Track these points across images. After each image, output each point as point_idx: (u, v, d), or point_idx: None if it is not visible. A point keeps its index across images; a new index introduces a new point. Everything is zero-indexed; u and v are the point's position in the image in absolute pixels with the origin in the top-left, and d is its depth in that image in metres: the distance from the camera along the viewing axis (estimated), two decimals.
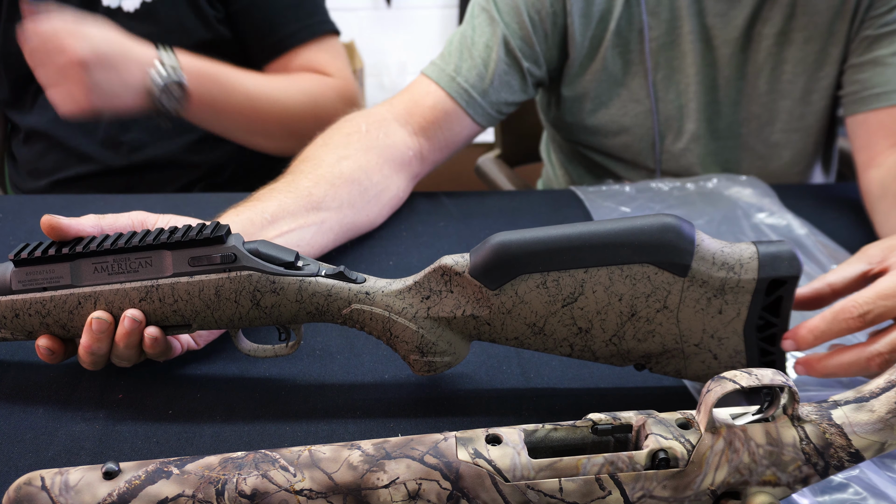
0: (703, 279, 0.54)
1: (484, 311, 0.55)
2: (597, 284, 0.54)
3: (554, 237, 0.54)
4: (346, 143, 0.80)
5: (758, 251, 0.54)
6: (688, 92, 0.97)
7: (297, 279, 0.56)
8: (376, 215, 0.82)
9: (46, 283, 0.58)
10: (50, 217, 0.57)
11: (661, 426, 0.43)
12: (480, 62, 0.90)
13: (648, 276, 0.54)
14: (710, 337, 0.56)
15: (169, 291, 0.56)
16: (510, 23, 0.91)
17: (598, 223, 0.55)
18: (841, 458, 0.43)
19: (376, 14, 2.70)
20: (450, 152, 0.92)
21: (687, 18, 0.93)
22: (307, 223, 0.71)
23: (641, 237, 0.53)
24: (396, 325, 0.56)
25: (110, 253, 0.57)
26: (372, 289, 0.56)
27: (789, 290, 0.55)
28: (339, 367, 0.64)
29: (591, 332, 0.56)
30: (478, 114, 0.90)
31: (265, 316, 0.57)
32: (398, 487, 0.42)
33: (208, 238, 0.55)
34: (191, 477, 0.42)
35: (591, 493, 0.42)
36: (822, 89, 0.96)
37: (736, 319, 0.55)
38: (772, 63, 0.95)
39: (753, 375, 0.42)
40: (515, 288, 0.55)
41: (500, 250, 0.54)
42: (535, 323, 0.56)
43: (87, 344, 0.57)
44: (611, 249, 0.54)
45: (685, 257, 0.53)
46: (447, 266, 0.56)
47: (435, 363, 0.57)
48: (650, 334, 0.56)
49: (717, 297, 0.55)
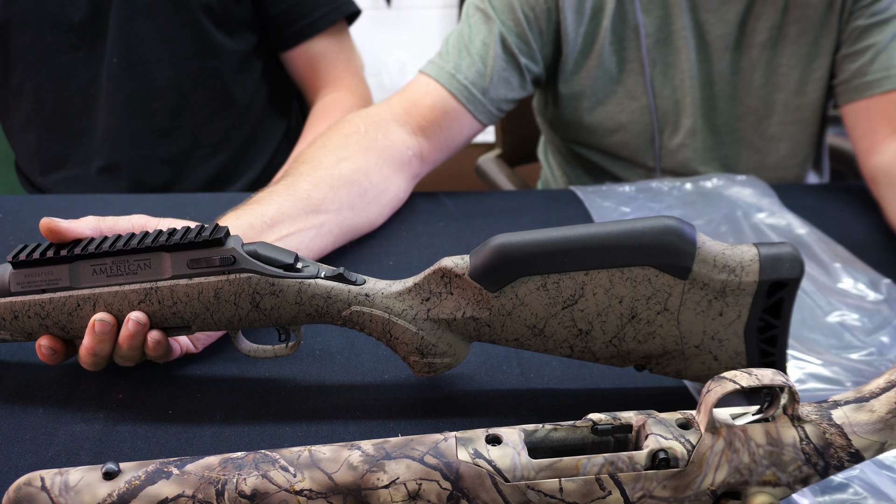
0: (704, 281, 0.54)
1: (484, 312, 0.55)
2: (597, 287, 0.54)
3: (554, 239, 0.54)
4: (345, 145, 0.80)
5: (759, 253, 0.54)
6: (683, 87, 0.97)
7: (297, 281, 0.56)
8: (376, 216, 0.82)
9: (45, 286, 0.58)
10: (48, 220, 0.57)
11: (662, 426, 0.43)
12: (479, 59, 0.90)
13: (649, 278, 0.54)
14: (710, 339, 0.55)
15: (168, 294, 0.56)
16: (506, 20, 0.91)
17: (599, 225, 0.54)
18: (841, 458, 0.43)
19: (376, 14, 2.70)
20: (450, 151, 0.92)
21: (680, 14, 0.93)
22: (306, 226, 0.71)
23: (642, 240, 0.53)
24: (396, 327, 0.56)
25: (109, 255, 0.57)
26: (371, 290, 0.56)
27: (790, 293, 0.55)
28: (339, 367, 0.64)
29: (592, 334, 0.56)
30: (479, 111, 0.91)
31: (264, 318, 0.57)
32: (398, 488, 0.42)
33: (207, 240, 0.55)
34: (191, 477, 0.42)
35: (591, 493, 0.42)
36: (816, 80, 0.97)
37: (736, 321, 0.55)
38: (767, 57, 0.96)
39: (753, 375, 0.42)
40: (515, 290, 0.54)
41: (501, 252, 0.54)
42: (535, 325, 0.55)
43: (90, 346, 0.57)
44: (611, 252, 0.53)
45: (686, 260, 0.53)
46: (447, 268, 0.56)
47: (435, 364, 0.57)
48: (650, 336, 0.55)
49: (718, 300, 0.54)
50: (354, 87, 1.17)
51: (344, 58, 1.18)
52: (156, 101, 1.12)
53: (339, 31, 1.17)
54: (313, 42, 1.15)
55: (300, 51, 1.16)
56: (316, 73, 1.18)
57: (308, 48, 1.16)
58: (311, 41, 1.15)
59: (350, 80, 1.17)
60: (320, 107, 1.16)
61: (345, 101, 1.14)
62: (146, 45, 1.10)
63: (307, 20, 1.14)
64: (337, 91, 1.16)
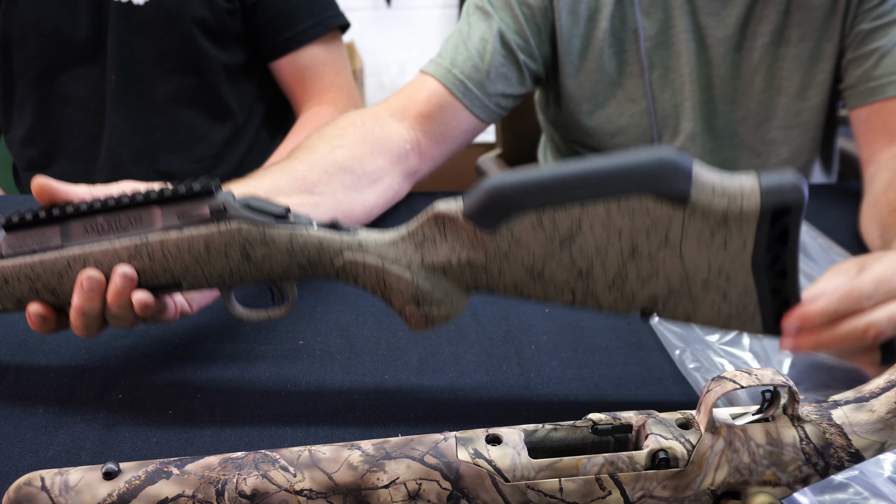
0: (703, 209, 0.52)
1: (480, 256, 0.54)
2: (594, 221, 0.52)
3: (548, 173, 0.52)
4: (340, 135, 0.80)
5: (759, 179, 0.52)
6: (683, 91, 0.97)
7: (288, 230, 0.55)
8: (372, 205, 0.81)
9: (36, 247, 0.57)
10: (42, 178, 0.56)
11: (661, 426, 0.43)
12: (476, 53, 0.91)
13: (647, 208, 0.52)
14: (717, 274, 0.53)
15: (158, 248, 0.55)
16: (504, 17, 0.92)
17: (593, 158, 0.53)
18: (841, 458, 0.43)
19: (376, 14, 2.70)
20: (448, 148, 0.92)
21: (680, 18, 0.93)
22: (302, 203, 0.70)
23: (637, 167, 0.52)
24: (390, 275, 0.55)
25: (100, 212, 0.56)
26: (364, 239, 0.55)
27: (795, 220, 0.52)
28: (339, 367, 0.64)
29: (593, 275, 0.54)
30: (475, 106, 0.91)
31: (256, 270, 0.55)
32: (398, 487, 0.42)
33: (198, 192, 0.54)
34: (191, 477, 0.42)
35: (592, 493, 0.42)
36: (819, 84, 0.96)
37: (742, 253, 0.53)
38: (768, 61, 0.95)
39: (753, 375, 0.42)
40: (511, 229, 0.53)
41: (494, 189, 0.52)
42: (534, 267, 0.54)
43: (79, 304, 0.56)
44: (606, 181, 0.52)
45: (683, 185, 0.51)
46: (440, 211, 0.54)
47: (432, 315, 0.55)
48: (654, 274, 0.54)
49: (721, 229, 0.52)
50: (339, 100, 1.16)
51: (331, 70, 1.18)
52: (154, 117, 1.13)
53: (328, 43, 1.17)
54: (299, 53, 1.16)
55: (286, 62, 1.16)
56: (302, 85, 1.18)
57: (294, 59, 1.16)
58: (296, 52, 1.16)
59: (336, 93, 1.17)
60: (300, 122, 1.17)
61: (325, 116, 1.13)
62: (143, 62, 1.11)
63: (292, 31, 1.14)
64: (320, 104, 1.16)
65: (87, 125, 1.13)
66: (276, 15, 1.14)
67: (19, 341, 0.67)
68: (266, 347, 0.67)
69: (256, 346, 0.67)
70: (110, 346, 0.67)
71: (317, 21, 1.15)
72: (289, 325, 0.70)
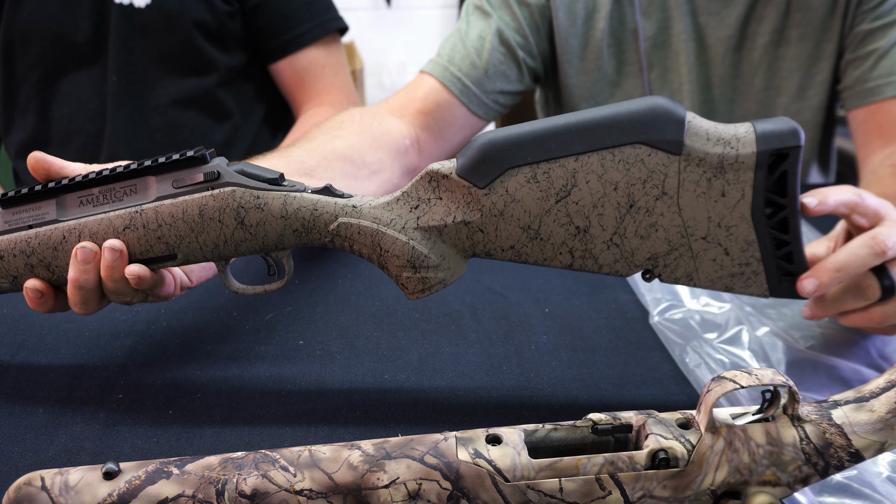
0: (699, 157, 0.51)
1: (475, 214, 0.53)
2: (589, 173, 0.52)
3: (540, 126, 0.52)
4: (339, 127, 0.80)
5: (754, 125, 0.52)
6: (681, 91, 0.97)
7: (282, 194, 0.54)
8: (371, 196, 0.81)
9: (32, 221, 0.57)
10: (38, 153, 0.56)
11: (662, 426, 0.43)
12: (473, 51, 0.91)
13: (642, 158, 0.51)
14: (716, 226, 0.53)
15: (153, 216, 0.55)
16: (503, 15, 0.93)
17: (585, 110, 0.53)
18: (841, 458, 0.43)
19: (376, 14, 2.70)
20: (448, 145, 0.92)
21: (679, 18, 0.94)
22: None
23: (630, 115, 0.51)
24: (386, 239, 0.54)
25: (96, 184, 0.56)
26: (359, 202, 0.55)
27: (793, 164, 0.52)
28: (339, 367, 0.64)
29: (590, 232, 0.53)
30: (473, 103, 0.91)
31: (250, 237, 0.55)
32: (398, 487, 0.42)
33: (192, 158, 0.55)
34: (191, 477, 0.42)
35: (592, 493, 0.42)
36: (818, 85, 0.96)
37: (741, 202, 0.52)
38: (767, 60, 0.95)
39: (753, 375, 0.42)
40: (505, 185, 0.52)
41: (486, 144, 0.52)
42: (530, 225, 0.53)
43: (75, 277, 0.55)
44: (599, 131, 0.51)
45: (677, 132, 0.51)
46: (434, 170, 0.54)
47: (429, 279, 0.55)
48: (653, 229, 0.53)
49: (718, 178, 0.52)
50: (338, 102, 1.17)
51: (330, 73, 1.18)
52: (155, 119, 1.13)
53: (326, 45, 1.18)
54: (298, 56, 1.16)
55: (285, 64, 1.17)
56: (301, 87, 1.19)
57: (293, 62, 1.17)
58: (296, 55, 1.16)
59: (335, 94, 1.18)
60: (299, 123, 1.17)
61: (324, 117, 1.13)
62: (144, 64, 1.11)
63: (290, 34, 1.15)
64: (319, 106, 1.17)
65: (88, 127, 1.14)
66: (276, 18, 1.14)
67: (19, 341, 0.68)
68: (266, 347, 0.67)
69: (256, 346, 0.67)
70: (110, 346, 0.67)
71: (316, 24, 1.16)
72: (289, 325, 0.70)
